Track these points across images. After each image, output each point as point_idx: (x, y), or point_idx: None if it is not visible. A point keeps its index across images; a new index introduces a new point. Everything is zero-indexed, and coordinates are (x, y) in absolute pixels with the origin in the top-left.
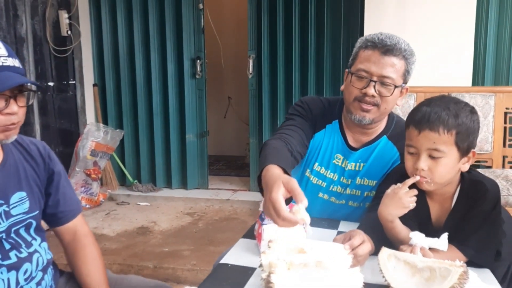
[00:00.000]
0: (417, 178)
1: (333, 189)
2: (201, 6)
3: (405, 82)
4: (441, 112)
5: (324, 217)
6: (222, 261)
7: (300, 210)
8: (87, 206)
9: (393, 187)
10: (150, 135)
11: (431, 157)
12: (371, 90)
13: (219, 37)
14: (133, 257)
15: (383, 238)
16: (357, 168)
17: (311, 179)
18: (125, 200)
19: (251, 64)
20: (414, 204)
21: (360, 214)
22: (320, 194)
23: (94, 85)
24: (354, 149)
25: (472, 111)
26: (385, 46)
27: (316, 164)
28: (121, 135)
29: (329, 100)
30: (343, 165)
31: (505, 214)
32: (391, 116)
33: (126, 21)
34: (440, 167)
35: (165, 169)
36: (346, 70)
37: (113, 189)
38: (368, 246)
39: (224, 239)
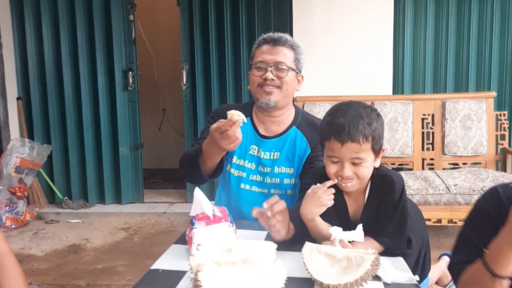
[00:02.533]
0: (336, 181)
1: (253, 178)
2: (131, 17)
3: (298, 69)
4: (358, 122)
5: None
6: (153, 267)
7: (233, 112)
8: (13, 226)
9: (313, 187)
10: (80, 149)
11: (353, 163)
12: (269, 75)
13: (152, 48)
14: (64, 276)
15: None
16: (272, 157)
17: (232, 172)
18: (54, 218)
19: (184, 75)
20: (332, 202)
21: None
22: (242, 185)
23: (18, 98)
24: (267, 138)
25: (378, 114)
26: (273, 40)
27: (235, 157)
28: (48, 151)
29: (242, 104)
30: (258, 155)
31: (410, 202)
32: (297, 110)
33: (52, 32)
34: (363, 170)
35: (97, 184)
36: (248, 72)
37: (41, 207)
38: (283, 203)
39: (161, 252)
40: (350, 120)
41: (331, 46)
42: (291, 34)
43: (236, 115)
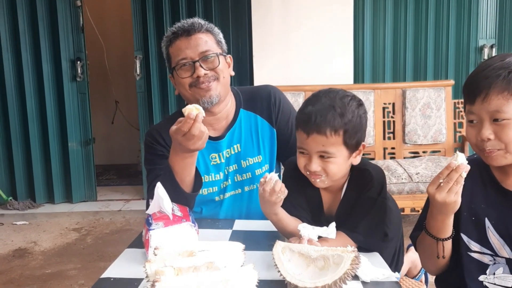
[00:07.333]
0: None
1: (223, 186)
2: (79, 3)
3: (225, 51)
4: (327, 112)
5: (236, 214)
6: (103, 276)
7: (189, 107)
8: None
9: (259, 188)
10: (25, 145)
11: (322, 157)
12: (201, 71)
13: (102, 37)
14: (9, 284)
15: None
16: (234, 151)
17: (201, 193)
18: None
19: (138, 65)
20: (286, 192)
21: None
22: (217, 198)
23: None
24: (221, 138)
25: (359, 103)
26: (185, 30)
27: None
28: None
29: (171, 116)
30: (222, 160)
31: (390, 198)
32: (234, 91)
33: None
34: (332, 166)
35: (45, 183)
36: (169, 75)
37: None
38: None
39: (116, 253)
40: (318, 109)
41: (291, 36)
42: (249, 23)
43: (194, 109)
